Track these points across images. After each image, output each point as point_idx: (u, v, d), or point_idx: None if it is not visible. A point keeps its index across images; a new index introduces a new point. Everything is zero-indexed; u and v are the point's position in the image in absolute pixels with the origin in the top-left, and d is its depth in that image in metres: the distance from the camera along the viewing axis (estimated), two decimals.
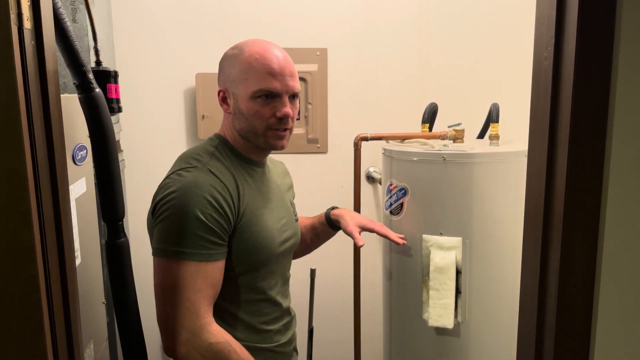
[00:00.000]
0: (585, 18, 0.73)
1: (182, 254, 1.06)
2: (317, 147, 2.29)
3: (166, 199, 1.09)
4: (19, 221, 0.72)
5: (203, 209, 1.06)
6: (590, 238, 0.78)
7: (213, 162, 1.15)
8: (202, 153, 1.17)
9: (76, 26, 1.64)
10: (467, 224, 1.47)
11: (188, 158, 1.17)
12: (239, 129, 1.18)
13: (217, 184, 1.10)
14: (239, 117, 1.16)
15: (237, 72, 1.14)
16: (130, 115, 2.11)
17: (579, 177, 0.77)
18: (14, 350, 0.75)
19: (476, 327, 1.51)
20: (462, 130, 1.66)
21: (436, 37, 2.27)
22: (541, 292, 0.84)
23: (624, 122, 0.75)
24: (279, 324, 1.27)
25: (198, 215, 1.06)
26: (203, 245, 1.07)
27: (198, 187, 1.08)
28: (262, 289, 1.21)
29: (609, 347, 0.80)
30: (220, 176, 1.12)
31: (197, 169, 1.12)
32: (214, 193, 1.08)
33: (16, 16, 0.71)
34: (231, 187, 1.13)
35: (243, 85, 1.14)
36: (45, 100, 0.79)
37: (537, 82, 0.84)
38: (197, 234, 1.06)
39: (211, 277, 1.09)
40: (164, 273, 1.08)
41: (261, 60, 1.13)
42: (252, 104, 1.14)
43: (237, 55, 1.16)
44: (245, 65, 1.13)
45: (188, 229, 1.06)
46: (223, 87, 1.18)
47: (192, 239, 1.06)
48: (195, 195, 1.07)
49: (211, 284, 1.09)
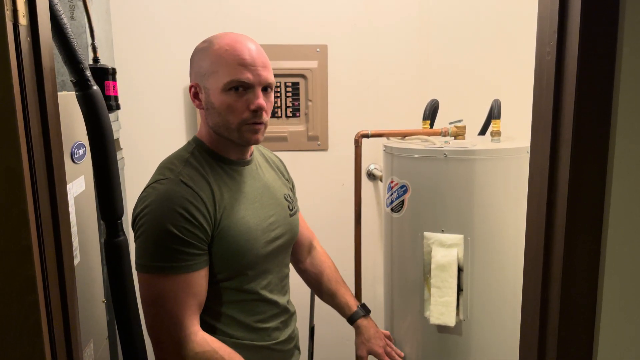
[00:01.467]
0: (588, 13, 0.72)
1: (160, 269, 1.07)
2: (318, 144, 2.28)
3: (141, 214, 1.09)
4: (16, 220, 0.72)
5: (176, 222, 1.06)
6: (593, 235, 0.78)
7: (187, 170, 1.13)
8: (176, 161, 1.15)
9: (74, 23, 1.63)
10: (469, 221, 1.46)
11: (163, 169, 1.15)
12: (213, 124, 1.15)
13: (190, 194, 1.09)
14: (211, 112, 1.14)
15: (208, 65, 1.11)
16: (129, 113, 2.10)
17: (582, 173, 0.76)
18: (12, 351, 0.74)
19: (478, 325, 1.51)
20: (463, 127, 1.65)
21: (437, 33, 2.26)
22: (544, 289, 0.84)
23: (628, 117, 0.74)
24: (276, 322, 1.26)
25: (171, 230, 1.06)
26: (181, 258, 1.07)
27: (170, 200, 1.07)
28: (252, 289, 1.20)
29: (613, 345, 0.80)
30: (193, 185, 1.10)
31: (170, 181, 1.10)
32: (186, 205, 1.07)
33: (11, 12, 0.70)
34: (205, 195, 1.11)
35: (214, 78, 1.11)
36: (41, 97, 0.78)
37: (539, 77, 0.83)
38: (173, 247, 1.06)
39: (193, 287, 1.09)
40: (146, 287, 1.09)
41: (231, 52, 1.10)
42: (224, 97, 1.11)
43: (207, 48, 1.13)
44: (216, 57, 1.10)
45: (164, 243, 1.06)
46: (194, 82, 1.16)
47: (168, 253, 1.07)
48: (168, 210, 1.06)
49: (193, 294, 1.09)
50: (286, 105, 2.21)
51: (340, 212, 2.26)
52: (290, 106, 2.22)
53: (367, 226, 2.24)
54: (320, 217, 2.29)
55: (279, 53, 2.16)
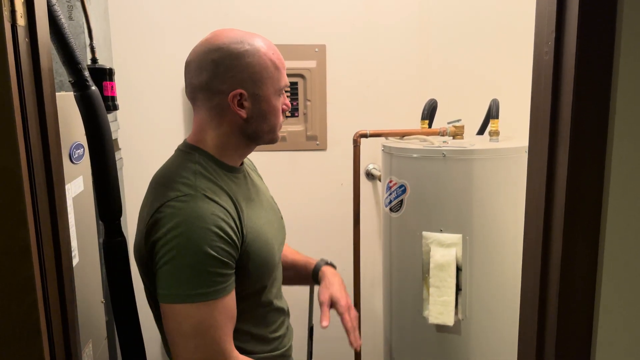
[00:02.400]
0: (586, 12, 0.72)
1: (198, 296, 0.97)
2: (316, 144, 2.28)
3: (167, 237, 0.97)
4: (15, 221, 0.72)
5: (212, 243, 0.97)
6: (591, 234, 0.78)
7: (204, 183, 1.03)
8: (187, 175, 1.04)
9: (72, 23, 1.62)
10: (468, 221, 1.46)
11: (173, 183, 1.03)
12: (254, 130, 1.09)
13: (218, 210, 1.00)
14: (257, 118, 1.07)
15: (261, 70, 1.05)
16: (128, 113, 2.10)
17: (580, 173, 0.76)
18: (11, 352, 0.74)
19: (477, 324, 1.51)
20: (461, 127, 1.66)
21: (436, 34, 2.27)
22: (542, 288, 0.84)
23: (626, 117, 0.74)
24: (284, 328, 1.25)
25: (208, 252, 0.96)
26: (217, 280, 0.99)
27: (201, 219, 0.97)
28: (267, 300, 1.17)
29: (611, 344, 0.80)
30: (218, 200, 1.02)
31: (192, 197, 1.00)
32: (219, 222, 0.99)
33: (9, 13, 0.70)
34: (231, 208, 1.04)
35: (269, 83, 1.06)
36: (40, 98, 0.78)
37: (537, 77, 0.83)
38: (210, 271, 0.97)
39: (228, 310, 1.02)
40: (181, 319, 0.98)
41: (277, 56, 1.09)
42: (275, 102, 1.09)
43: (252, 51, 1.04)
44: (268, 62, 1.06)
45: (200, 268, 0.97)
46: (239, 89, 1.04)
47: (206, 278, 0.97)
48: (200, 230, 0.96)
49: (230, 317, 1.03)
50: None
51: (339, 211, 2.26)
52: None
53: (366, 226, 2.24)
54: (319, 216, 2.29)
55: None
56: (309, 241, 2.29)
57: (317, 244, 2.32)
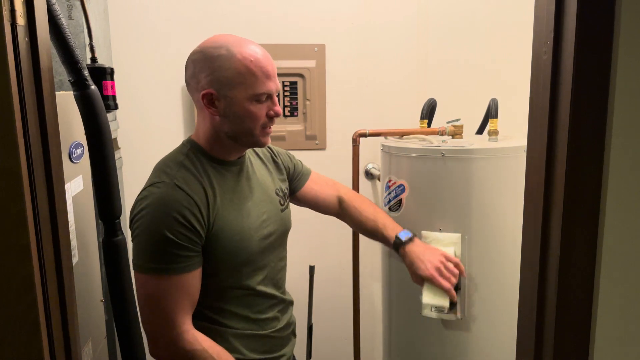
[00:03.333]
0: (584, 12, 0.73)
1: (155, 270, 1.10)
2: (316, 143, 2.28)
3: (138, 216, 1.12)
4: (14, 220, 0.72)
5: (171, 227, 1.09)
6: (590, 233, 0.78)
7: (181, 173, 1.15)
8: (171, 164, 1.17)
9: (72, 23, 1.62)
10: (467, 220, 1.46)
11: (159, 171, 1.17)
12: (229, 130, 1.17)
13: (184, 199, 1.11)
14: (231, 119, 1.15)
15: (233, 75, 1.12)
16: (127, 112, 2.10)
17: (578, 172, 0.76)
18: (11, 351, 0.74)
19: (476, 323, 1.51)
20: (460, 126, 1.66)
21: (435, 33, 2.27)
22: (541, 287, 0.84)
23: (624, 116, 0.74)
24: (274, 312, 1.30)
25: (167, 235, 1.08)
26: (175, 260, 1.10)
27: (166, 205, 1.10)
28: (248, 285, 1.23)
29: (609, 341, 0.80)
30: (188, 189, 1.13)
31: (165, 185, 1.12)
32: (182, 210, 1.10)
33: (9, 12, 0.70)
34: (199, 199, 1.13)
35: (241, 88, 1.13)
36: (39, 97, 0.78)
37: (536, 76, 0.83)
38: (168, 250, 1.09)
39: (186, 287, 1.13)
40: (142, 286, 1.12)
41: (256, 63, 1.13)
42: (249, 106, 1.14)
43: (228, 57, 1.12)
44: (243, 68, 1.12)
45: (159, 246, 1.09)
46: (211, 89, 1.13)
47: (164, 256, 1.10)
48: (164, 215, 1.09)
49: (187, 294, 1.13)
50: (284, 105, 2.22)
51: None
52: (288, 105, 2.22)
53: None
54: (318, 216, 2.29)
55: (277, 52, 2.15)
56: (308, 240, 2.30)
57: (316, 243, 2.33)
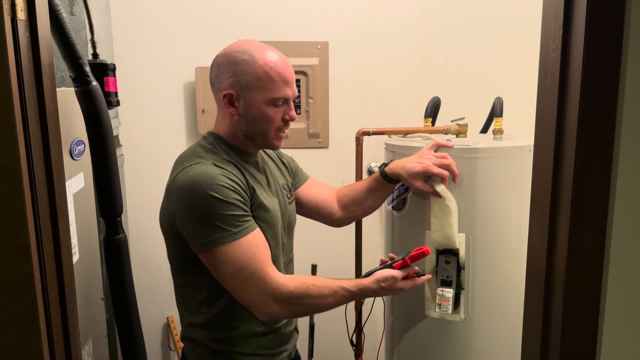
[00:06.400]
0: (594, 8, 0.71)
1: (233, 235, 1.12)
2: (319, 142, 2.27)
3: (182, 198, 1.13)
4: (14, 217, 0.71)
5: (218, 190, 1.11)
6: (598, 234, 0.77)
7: (214, 157, 1.20)
8: (200, 151, 1.21)
9: (73, 19, 1.62)
10: (471, 220, 1.45)
11: (189, 158, 1.19)
12: (246, 129, 1.22)
13: (224, 173, 1.15)
14: (249, 120, 1.20)
15: (253, 79, 1.18)
16: (129, 109, 2.09)
17: (586, 172, 0.75)
18: (10, 349, 0.73)
19: (480, 323, 1.50)
20: (465, 125, 1.64)
21: (439, 31, 2.25)
22: (547, 289, 0.83)
23: (634, 115, 0.73)
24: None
25: (216, 196, 1.10)
26: (241, 219, 1.13)
27: (208, 176, 1.12)
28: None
29: (616, 345, 0.79)
30: (226, 168, 1.17)
31: (203, 163, 1.16)
32: (225, 180, 1.13)
33: (9, 7, 0.69)
34: (237, 177, 1.17)
35: (259, 91, 1.18)
36: (40, 93, 0.77)
37: (544, 75, 0.82)
38: (231, 215, 1.11)
39: (258, 241, 1.16)
40: (226, 260, 1.13)
41: (277, 70, 1.18)
42: (266, 110, 1.19)
43: (249, 61, 1.18)
44: (262, 73, 1.17)
45: (214, 213, 1.10)
46: (231, 90, 1.19)
47: (230, 221, 1.11)
48: (206, 184, 1.11)
49: (264, 246, 1.17)
50: None
51: None
52: None
53: (368, 225, 2.23)
54: None
55: (280, 50, 2.14)
56: (311, 239, 2.29)
57: (318, 242, 2.32)
